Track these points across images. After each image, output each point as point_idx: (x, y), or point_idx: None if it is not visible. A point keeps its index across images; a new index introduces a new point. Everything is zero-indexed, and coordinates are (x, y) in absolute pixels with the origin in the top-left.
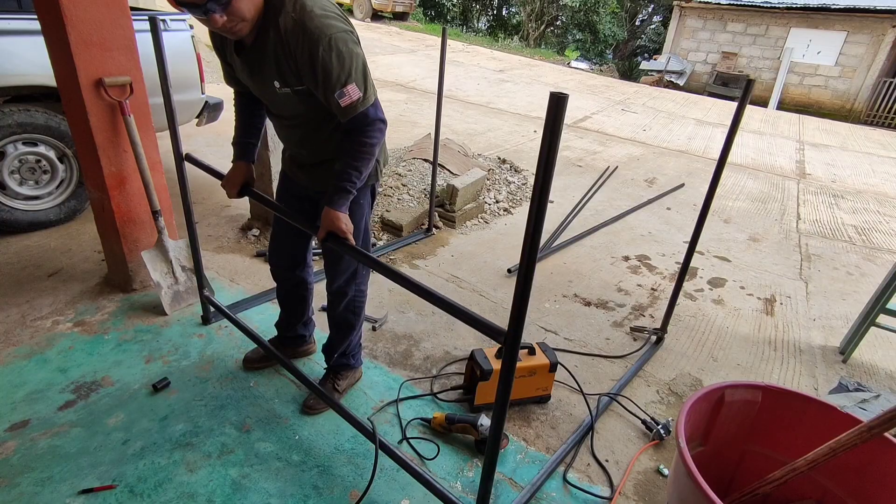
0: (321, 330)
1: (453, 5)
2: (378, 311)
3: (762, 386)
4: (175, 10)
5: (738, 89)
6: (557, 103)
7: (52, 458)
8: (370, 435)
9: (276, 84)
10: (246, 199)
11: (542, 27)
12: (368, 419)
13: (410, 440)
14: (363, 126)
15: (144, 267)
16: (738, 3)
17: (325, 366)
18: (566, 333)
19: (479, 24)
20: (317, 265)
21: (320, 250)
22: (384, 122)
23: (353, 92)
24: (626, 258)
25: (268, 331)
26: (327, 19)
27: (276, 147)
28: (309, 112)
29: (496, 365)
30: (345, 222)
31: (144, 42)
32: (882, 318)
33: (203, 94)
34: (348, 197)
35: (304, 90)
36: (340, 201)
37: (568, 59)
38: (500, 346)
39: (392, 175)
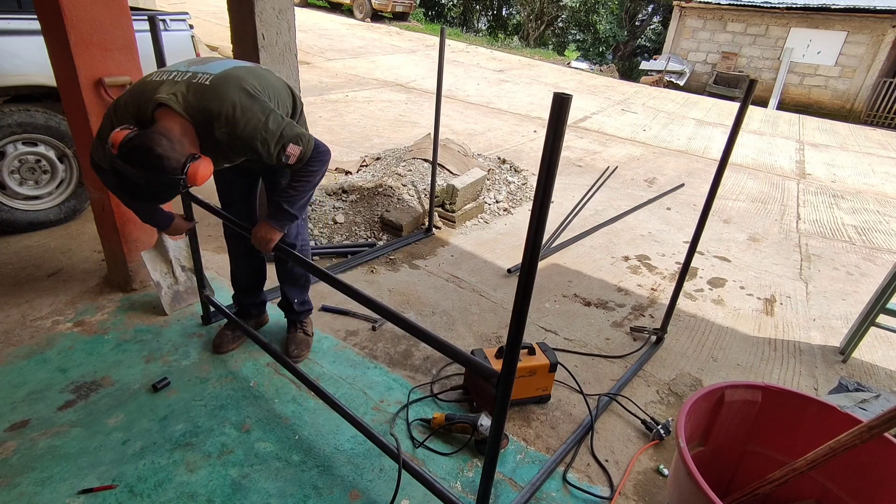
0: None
1: (453, 5)
2: None
3: (762, 386)
4: (175, 10)
5: (738, 89)
6: (561, 104)
7: (51, 458)
8: (394, 454)
9: (226, 165)
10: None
11: (542, 27)
12: (392, 434)
13: (425, 445)
14: (307, 163)
15: (144, 267)
16: (738, 3)
17: (289, 322)
18: (566, 333)
19: (479, 25)
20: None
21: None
22: (325, 151)
23: (293, 151)
24: (626, 258)
25: (268, 330)
26: (250, 114)
27: None
28: (246, 163)
29: (496, 365)
30: (276, 238)
31: (144, 42)
32: (882, 318)
33: None
34: (291, 222)
35: (241, 159)
36: (283, 223)
37: (568, 59)
38: (499, 346)
39: (392, 175)
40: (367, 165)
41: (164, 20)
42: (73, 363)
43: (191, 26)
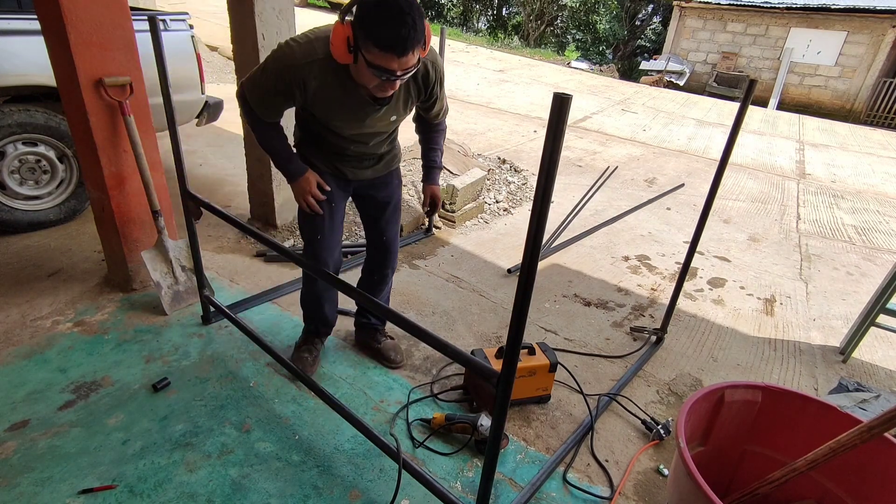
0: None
1: (453, 5)
2: None
3: (762, 386)
4: (175, 10)
5: (738, 89)
6: (561, 104)
7: (51, 458)
8: (394, 454)
9: (393, 118)
10: (246, 199)
11: (542, 27)
12: (392, 434)
13: (425, 445)
14: (445, 117)
15: (144, 267)
16: (738, 3)
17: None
18: (566, 333)
19: (479, 25)
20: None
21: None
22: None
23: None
24: (626, 258)
25: (268, 330)
26: (436, 54)
27: None
28: (393, 126)
29: (496, 365)
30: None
31: (144, 42)
32: (882, 318)
33: (203, 94)
34: (441, 171)
35: (403, 116)
36: (438, 177)
37: (568, 59)
38: (499, 346)
39: None
40: None
41: (164, 20)
42: (73, 363)
43: (191, 26)
